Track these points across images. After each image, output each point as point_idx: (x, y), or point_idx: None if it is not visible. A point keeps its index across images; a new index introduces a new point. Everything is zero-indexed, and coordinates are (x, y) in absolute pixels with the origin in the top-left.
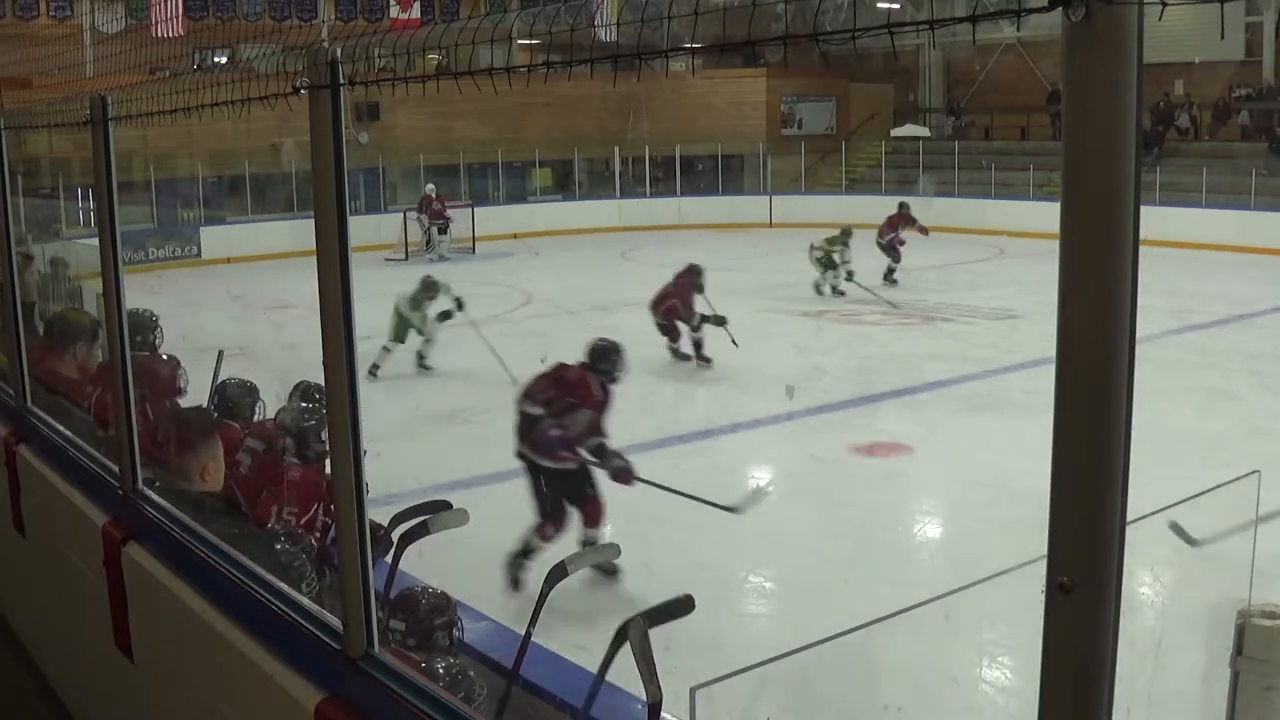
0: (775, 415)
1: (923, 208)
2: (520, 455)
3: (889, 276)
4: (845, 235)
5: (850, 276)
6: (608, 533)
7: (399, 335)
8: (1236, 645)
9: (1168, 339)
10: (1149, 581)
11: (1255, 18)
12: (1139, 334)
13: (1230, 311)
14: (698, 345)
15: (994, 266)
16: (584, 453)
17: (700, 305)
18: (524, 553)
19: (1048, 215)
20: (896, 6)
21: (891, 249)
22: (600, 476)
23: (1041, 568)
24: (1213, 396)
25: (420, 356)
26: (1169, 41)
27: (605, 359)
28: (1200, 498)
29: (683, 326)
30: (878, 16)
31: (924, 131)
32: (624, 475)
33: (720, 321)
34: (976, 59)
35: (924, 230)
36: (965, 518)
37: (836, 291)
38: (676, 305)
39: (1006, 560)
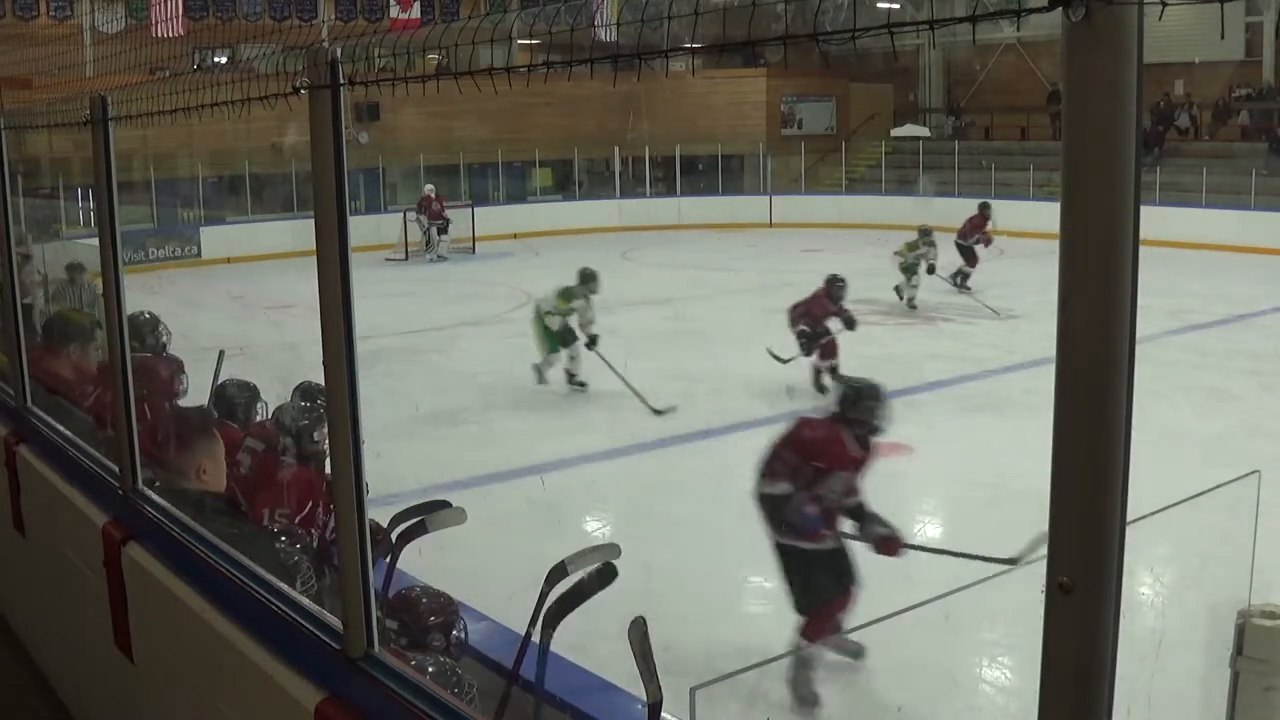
0: (775, 415)
1: (923, 208)
2: (774, 543)
3: (959, 280)
4: (926, 235)
5: (932, 270)
6: (608, 532)
7: (553, 345)
8: (1237, 645)
9: (1167, 339)
10: (1149, 581)
11: (1255, 18)
12: (1138, 334)
13: (1230, 311)
14: (817, 372)
15: (994, 266)
16: (843, 524)
17: (834, 324)
18: (803, 665)
19: (1048, 215)
20: (896, 6)
21: (970, 252)
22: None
23: (1042, 568)
24: (1213, 396)
25: (570, 375)
26: (1169, 41)
27: (859, 407)
28: (1200, 498)
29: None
30: (878, 16)
31: (924, 131)
32: (890, 545)
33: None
34: (976, 59)
35: (989, 239)
36: (965, 518)
37: (910, 303)
38: (801, 315)
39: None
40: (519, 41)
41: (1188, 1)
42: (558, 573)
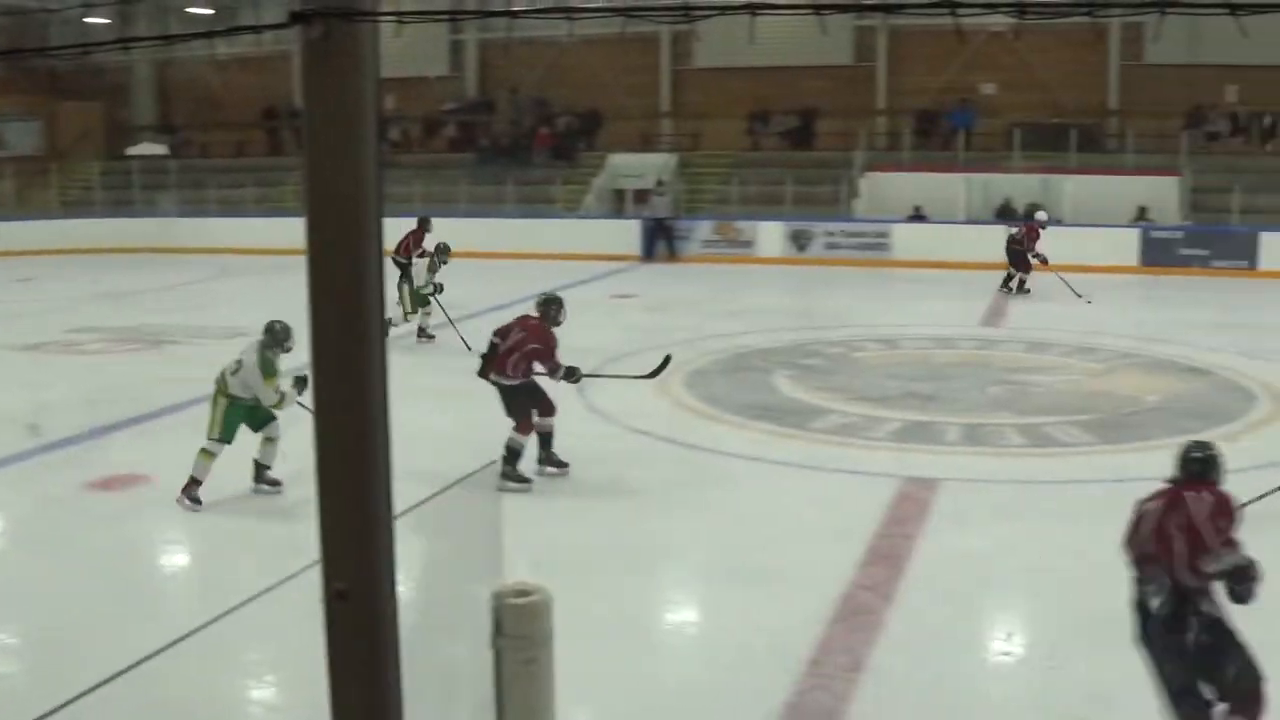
0: (3, 458)
1: (141, 228)
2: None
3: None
4: (443, 253)
5: (439, 290)
6: None
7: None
8: (495, 625)
9: (392, 343)
10: (406, 578)
11: (459, 36)
12: None
13: (450, 314)
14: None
15: (219, 285)
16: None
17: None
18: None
19: (270, 230)
20: (108, 22)
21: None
22: None
23: (307, 581)
24: (441, 395)
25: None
26: (383, 59)
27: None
28: (452, 488)
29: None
30: (88, 33)
31: (162, 149)
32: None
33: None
34: (191, 75)
35: (426, 252)
36: (214, 542)
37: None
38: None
39: (263, 581)
40: None
41: (419, 20)
42: None
